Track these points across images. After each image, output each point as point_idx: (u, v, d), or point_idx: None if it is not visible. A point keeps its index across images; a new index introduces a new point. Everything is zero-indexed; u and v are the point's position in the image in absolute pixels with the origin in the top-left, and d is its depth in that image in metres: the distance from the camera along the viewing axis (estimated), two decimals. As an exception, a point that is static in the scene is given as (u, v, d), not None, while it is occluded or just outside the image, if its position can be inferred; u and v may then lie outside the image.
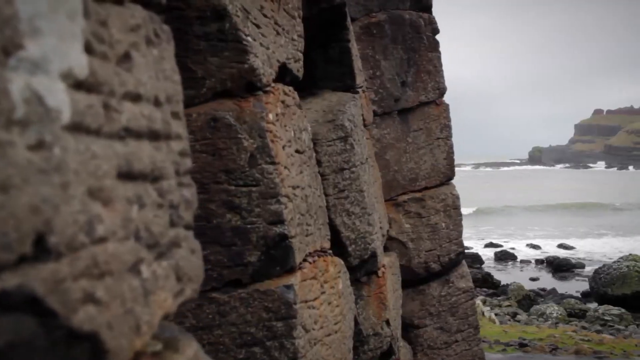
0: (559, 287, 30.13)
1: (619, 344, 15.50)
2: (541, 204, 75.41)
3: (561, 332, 16.74)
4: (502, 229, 52.54)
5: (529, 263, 37.62)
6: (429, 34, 6.54)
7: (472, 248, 41.37)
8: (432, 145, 6.54)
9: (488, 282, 29.99)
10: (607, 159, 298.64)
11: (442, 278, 6.52)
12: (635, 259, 27.50)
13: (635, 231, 50.33)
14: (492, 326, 17.42)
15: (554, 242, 44.44)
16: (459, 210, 6.60)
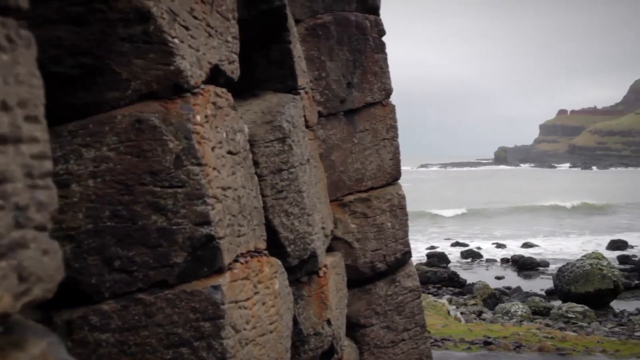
0: (524, 285, 30.40)
1: (582, 340, 15.66)
2: (506, 206, 76.09)
3: (525, 330, 16.87)
4: (469, 229, 52.94)
5: (495, 262, 37.93)
6: (375, 35, 6.58)
7: (439, 247, 41.65)
8: (378, 146, 6.58)
9: (454, 281, 30.21)
10: (571, 158, 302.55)
11: (388, 277, 6.56)
12: (598, 257, 27.84)
13: (598, 230, 51.01)
14: (458, 325, 17.52)
15: (519, 241, 44.84)
16: (404, 210, 6.65)
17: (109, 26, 3.18)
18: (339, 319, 5.25)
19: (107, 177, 3.21)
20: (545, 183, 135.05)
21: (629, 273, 32.49)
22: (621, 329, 20.39)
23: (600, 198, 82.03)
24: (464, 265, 36.59)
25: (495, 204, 77.58)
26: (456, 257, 38.78)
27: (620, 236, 46.10)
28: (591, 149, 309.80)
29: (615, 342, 15.90)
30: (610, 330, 20.00)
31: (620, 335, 18.57)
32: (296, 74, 5.16)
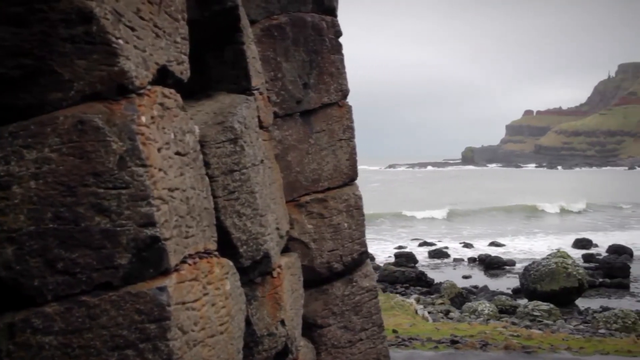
0: (491, 284, 30.64)
1: (547, 338, 15.80)
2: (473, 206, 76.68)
3: (492, 328, 16.99)
4: (437, 228, 53.26)
5: (462, 261, 38.21)
6: (331, 36, 6.59)
7: (407, 247, 41.85)
8: (335, 147, 6.59)
9: (422, 280, 30.36)
10: (537, 158, 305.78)
11: (345, 277, 6.57)
12: (563, 256, 28.14)
13: (564, 229, 51.62)
14: (425, 324, 17.59)
15: (486, 240, 45.21)
16: (361, 210, 6.67)
17: (50, 27, 3.15)
18: (294, 320, 5.25)
19: (49, 178, 3.18)
20: (512, 183, 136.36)
21: (594, 271, 32.94)
22: (586, 327, 20.63)
23: (566, 198, 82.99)
24: (431, 265, 36.82)
25: (463, 204, 78.10)
26: (424, 257, 39.01)
27: (585, 235, 46.70)
28: (556, 149, 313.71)
29: (579, 339, 16.09)
30: (575, 327, 20.22)
31: (584, 332, 18.79)
32: (250, 74, 5.16)
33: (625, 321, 20.54)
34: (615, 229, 52.83)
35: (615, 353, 14.20)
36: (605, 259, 34.86)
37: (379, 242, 45.20)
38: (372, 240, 45.97)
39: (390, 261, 36.67)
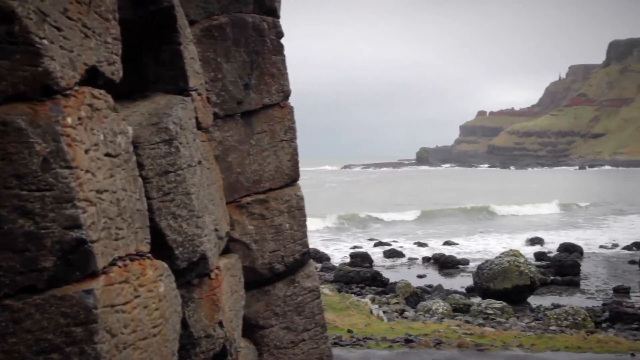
0: (445, 283, 30.96)
1: (499, 336, 15.97)
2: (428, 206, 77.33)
3: (445, 326, 17.12)
4: (391, 228, 53.59)
5: (417, 261, 38.51)
6: (272, 37, 6.57)
7: (362, 248, 42.04)
8: (276, 147, 6.57)
9: (377, 280, 30.51)
10: (490, 158, 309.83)
11: (287, 278, 6.56)
12: (516, 255, 28.56)
13: (517, 229, 52.36)
14: (380, 323, 17.68)
15: (440, 240, 45.64)
16: (303, 210, 6.67)
17: (-30, 26, 3.09)
18: (234, 321, 5.24)
19: (-30, 180, 3.12)
20: (466, 183, 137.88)
21: (545, 269, 33.46)
22: (537, 324, 20.94)
23: (520, 198, 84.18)
24: (386, 265, 37.03)
25: (417, 204, 78.70)
26: (379, 257, 39.24)
27: (537, 234, 47.45)
28: (509, 149, 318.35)
29: (531, 336, 16.30)
30: (527, 325, 20.51)
31: (536, 329, 19.06)
32: (187, 75, 5.13)
33: (575, 318, 20.93)
34: (567, 227, 53.83)
35: (566, 349, 14.43)
36: (556, 257, 35.47)
37: (335, 243, 45.33)
38: (328, 241, 46.07)
39: (346, 261, 36.82)
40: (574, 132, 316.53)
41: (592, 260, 37.87)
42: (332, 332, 14.87)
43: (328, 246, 43.69)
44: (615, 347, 14.62)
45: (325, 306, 17.69)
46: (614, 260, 38.19)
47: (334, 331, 15.00)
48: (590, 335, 16.77)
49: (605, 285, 30.63)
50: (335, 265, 35.07)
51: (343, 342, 14.13)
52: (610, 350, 14.34)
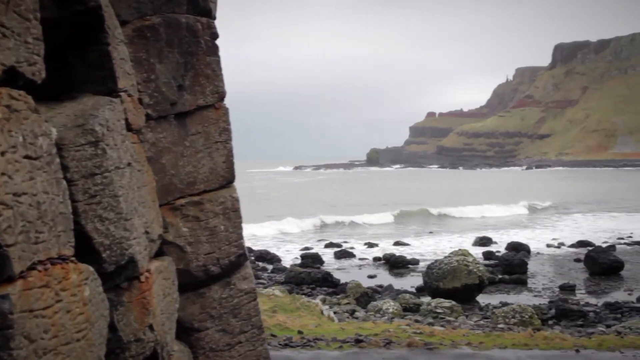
0: (395, 283, 31.12)
1: (448, 334, 16.09)
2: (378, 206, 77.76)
3: (395, 326, 17.18)
4: (342, 229, 53.70)
5: (367, 261, 38.67)
6: (207, 38, 6.51)
7: (313, 249, 42.06)
8: (211, 149, 6.51)
9: (328, 281, 30.56)
10: (439, 159, 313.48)
11: (223, 280, 6.51)
12: (465, 254, 28.81)
13: (466, 228, 52.95)
14: (331, 324, 17.66)
15: (391, 240, 45.90)
16: (238, 212, 6.62)
17: None
18: (165, 324, 5.18)
19: None
20: (417, 184, 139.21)
21: (493, 268, 33.88)
22: (486, 322, 21.15)
23: (470, 198, 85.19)
24: (337, 266, 37.10)
25: (368, 204, 79.14)
26: (330, 258, 39.31)
27: (486, 234, 48.08)
28: (458, 150, 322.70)
29: (479, 334, 16.46)
30: (475, 323, 20.70)
31: (484, 327, 19.25)
32: (116, 76, 5.06)
33: (522, 315, 21.19)
34: (514, 227, 54.63)
35: (513, 346, 14.61)
36: (504, 256, 35.90)
37: (286, 244, 45.26)
38: (280, 242, 46.00)
39: (297, 262, 36.83)
40: (521, 133, 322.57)
41: (539, 259, 38.53)
42: (283, 333, 14.83)
43: (278, 247, 43.64)
44: (561, 344, 14.87)
45: (276, 307, 17.71)
46: (560, 259, 38.90)
47: (284, 332, 14.97)
48: (536, 332, 17.00)
49: (551, 283, 31.12)
50: (286, 267, 35.07)
51: (293, 343, 14.10)
52: (556, 347, 14.58)
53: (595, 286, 30.65)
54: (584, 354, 14.08)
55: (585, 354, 14.07)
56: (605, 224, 56.68)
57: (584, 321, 22.41)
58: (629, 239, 46.99)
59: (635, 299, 26.94)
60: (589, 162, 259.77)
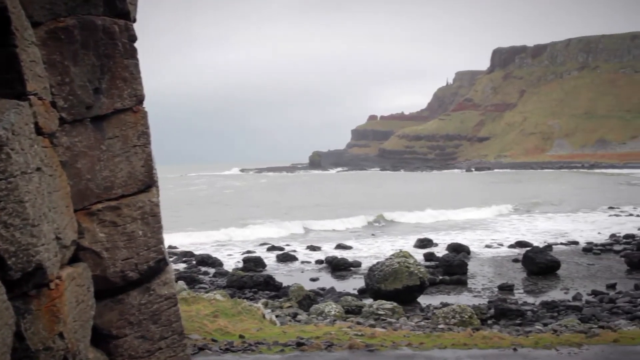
0: (338, 285, 31.13)
1: (390, 336, 16.14)
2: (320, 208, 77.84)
3: (337, 328, 17.16)
4: (285, 232, 53.53)
5: (309, 264, 38.65)
6: (125, 40, 6.39)
7: (255, 252, 41.82)
8: (129, 153, 6.40)
9: (270, 284, 30.41)
10: (381, 162, 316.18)
11: (142, 286, 6.39)
12: (406, 256, 29.02)
13: (407, 230, 53.35)
14: (272, 328, 17.52)
15: (333, 243, 45.97)
16: (157, 217, 6.51)
17: None
18: (78, 332, 5.05)
19: None
20: (361, 186, 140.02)
21: (434, 269, 34.20)
22: (426, 323, 21.26)
23: (412, 201, 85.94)
24: (280, 269, 37.00)
25: (311, 207, 79.23)
26: (272, 261, 39.18)
27: (426, 235, 48.54)
28: (399, 152, 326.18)
29: (420, 335, 16.56)
30: (416, 324, 20.80)
31: (425, 328, 19.38)
32: (25, 78, 4.92)
33: (462, 316, 21.39)
34: (455, 228, 55.29)
35: (452, 346, 14.74)
36: (445, 257, 36.20)
37: (228, 248, 44.90)
38: (222, 246, 45.59)
39: (239, 266, 36.58)
40: (460, 135, 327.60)
41: (478, 260, 38.95)
42: (224, 338, 14.68)
43: (220, 251, 43.32)
44: (499, 343, 15.06)
45: (217, 312, 17.52)
46: (499, 259, 39.39)
47: (225, 337, 14.82)
48: (475, 332, 17.17)
49: (490, 284, 31.44)
50: (228, 271, 34.82)
51: (234, 348, 13.97)
52: (494, 346, 14.77)
53: (532, 285, 31.10)
54: (521, 352, 14.30)
55: (522, 352, 14.30)
56: (543, 225, 57.77)
57: (522, 320, 22.71)
58: (565, 238, 47.99)
59: (571, 297, 27.47)
60: (527, 164, 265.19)
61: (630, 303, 25.29)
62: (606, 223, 58.46)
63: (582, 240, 46.53)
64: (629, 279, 31.77)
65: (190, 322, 15.72)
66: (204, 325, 15.70)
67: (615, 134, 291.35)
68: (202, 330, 15.23)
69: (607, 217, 63.98)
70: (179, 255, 41.34)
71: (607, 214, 66.38)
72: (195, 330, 15.09)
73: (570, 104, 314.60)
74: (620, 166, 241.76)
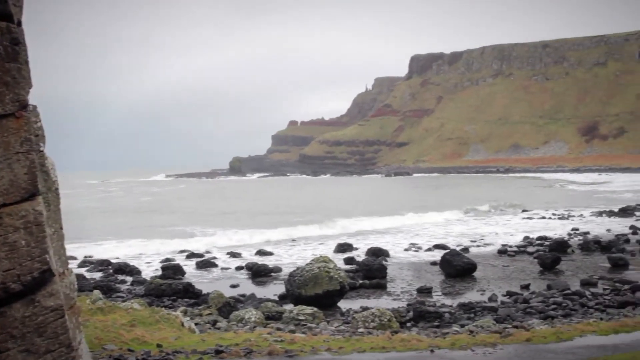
0: (258, 292, 30.91)
1: (309, 341, 16.08)
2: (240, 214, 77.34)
3: (257, 335, 17.01)
4: (206, 239, 52.84)
5: (230, 271, 38.28)
6: (6, 43, 6.01)
7: (174, 260, 41.11)
8: (11, 160, 6.01)
9: (189, 292, 29.98)
10: (302, 167, 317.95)
11: (26, 298, 6.05)
12: (326, 260, 29.06)
13: (328, 237, 53.40)
14: (191, 336, 17.21)
15: (254, 249, 45.65)
16: (42, 226, 6.15)
17: None
18: None
19: None
20: (277, 191, 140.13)
21: (354, 274, 34.33)
22: (346, 327, 21.33)
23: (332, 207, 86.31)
24: (199, 276, 36.51)
25: (230, 214, 78.69)
26: (192, 269, 38.62)
27: (347, 240, 48.72)
28: (320, 157, 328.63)
29: (340, 339, 16.55)
30: (336, 328, 20.82)
31: (345, 332, 19.41)
32: None
33: (381, 319, 21.50)
34: (374, 233, 55.51)
35: (371, 350, 14.82)
36: (365, 262, 36.36)
37: (147, 257, 43.95)
38: (141, 254, 44.53)
39: (158, 274, 35.85)
40: (380, 141, 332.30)
41: (398, 263, 39.35)
42: (141, 347, 14.35)
43: (139, 259, 42.41)
44: (417, 345, 15.24)
45: (135, 321, 17.01)
46: (418, 263, 39.91)
47: (142, 347, 14.47)
48: (394, 335, 17.33)
49: (409, 287, 31.79)
50: (146, 279, 34.06)
51: (152, 358, 13.68)
52: (412, 348, 14.91)
53: (450, 288, 31.58)
54: (438, 353, 14.48)
55: (439, 353, 14.48)
56: (459, 228, 58.87)
57: (440, 322, 23.03)
58: (482, 241, 48.96)
59: (487, 298, 28.01)
60: (444, 169, 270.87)
61: (543, 303, 25.95)
62: (520, 225, 60.13)
63: (497, 242, 47.62)
64: (542, 280, 32.63)
65: (105, 332, 15.25)
66: (120, 335, 15.26)
67: (528, 139, 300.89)
68: (118, 340, 14.80)
69: (520, 219, 65.81)
70: (95, 263, 40.33)
71: (521, 217, 68.27)
72: (111, 340, 14.64)
73: (486, 110, 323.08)
74: (534, 170, 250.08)
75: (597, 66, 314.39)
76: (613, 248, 42.16)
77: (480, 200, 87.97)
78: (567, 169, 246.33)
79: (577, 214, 68.63)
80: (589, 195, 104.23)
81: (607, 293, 27.85)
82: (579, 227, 55.92)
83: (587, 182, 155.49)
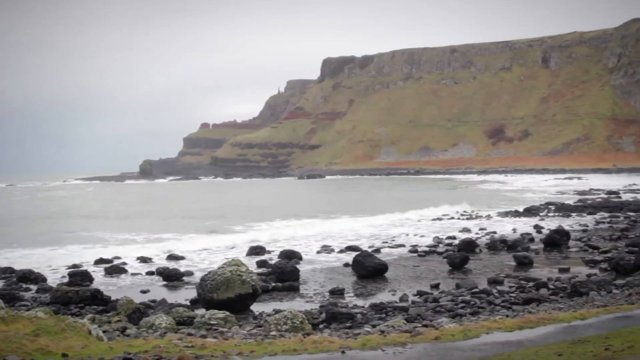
0: (169, 297, 30.27)
1: (220, 345, 15.95)
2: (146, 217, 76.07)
3: (167, 341, 16.74)
4: (112, 243, 51.71)
5: (140, 276, 37.49)
6: None
7: (82, 266, 39.99)
8: None
9: (98, 299, 29.07)
10: (214, 170, 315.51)
11: None
12: (238, 264, 28.80)
13: (241, 240, 53.05)
14: (99, 344, 16.79)
15: (165, 254, 44.89)
16: None
17: None
18: None
19: None
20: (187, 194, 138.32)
21: (267, 277, 34.17)
22: (259, 330, 21.21)
23: (232, 208, 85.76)
24: (108, 282, 35.56)
25: (136, 217, 77.28)
26: (100, 275, 37.53)
27: (259, 243, 48.55)
28: (232, 160, 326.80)
29: (251, 343, 16.48)
30: (248, 332, 20.69)
31: (257, 336, 19.33)
32: None
33: (294, 322, 21.48)
34: (286, 237, 55.39)
35: (283, 353, 14.80)
36: (277, 264, 36.19)
37: (53, 263, 42.41)
38: (49, 260, 43.01)
39: (64, 281, 34.75)
40: (292, 143, 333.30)
41: (310, 266, 39.26)
42: (45, 357, 13.92)
43: (45, 266, 40.94)
44: (329, 346, 15.31)
45: (39, 331, 16.49)
46: (330, 264, 39.97)
47: (47, 357, 14.05)
48: (306, 337, 17.34)
49: (322, 288, 31.71)
50: (52, 286, 32.90)
51: (56, 368, 13.31)
52: (324, 350, 14.99)
53: (362, 289, 31.66)
54: (349, 354, 14.60)
55: (350, 354, 14.61)
56: (369, 230, 59.33)
57: (352, 323, 23.06)
58: (393, 242, 49.61)
59: (398, 298, 28.29)
60: (357, 171, 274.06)
61: (452, 301, 26.56)
62: (430, 226, 61.31)
63: (408, 243, 48.34)
64: (451, 279, 33.38)
65: (7, 342, 14.76)
66: (22, 345, 14.79)
67: (438, 141, 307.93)
68: (21, 350, 14.35)
69: (430, 220, 67.07)
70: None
71: (431, 218, 69.58)
72: (13, 351, 14.19)
73: (397, 113, 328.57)
74: (443, 172, 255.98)
75: (503, 71, 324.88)
76: (518, 247, 43.50)
77: (393, 201, 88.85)
78: (475, 170, 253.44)
79: (485, 214, 70.55)
80: (494, 195, 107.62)
81: (513, 291, 28.65)
82: (486, 227, 57.56)
83: (493, 181, 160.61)
